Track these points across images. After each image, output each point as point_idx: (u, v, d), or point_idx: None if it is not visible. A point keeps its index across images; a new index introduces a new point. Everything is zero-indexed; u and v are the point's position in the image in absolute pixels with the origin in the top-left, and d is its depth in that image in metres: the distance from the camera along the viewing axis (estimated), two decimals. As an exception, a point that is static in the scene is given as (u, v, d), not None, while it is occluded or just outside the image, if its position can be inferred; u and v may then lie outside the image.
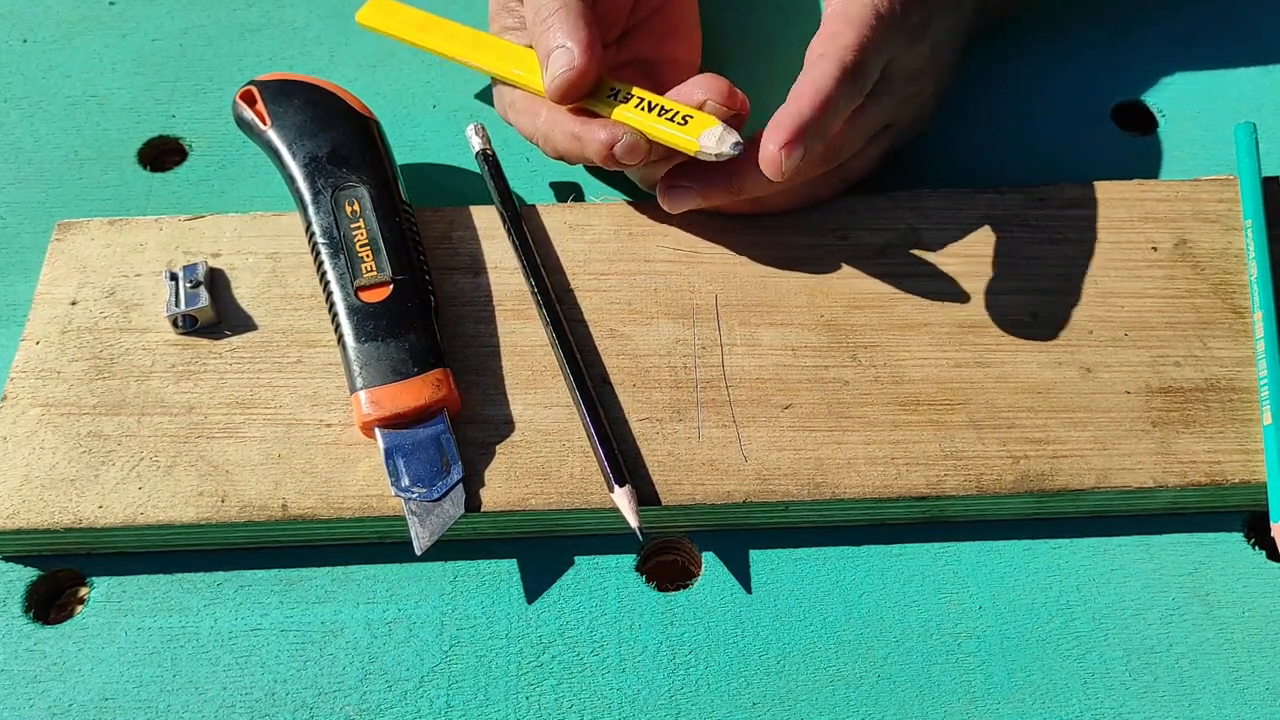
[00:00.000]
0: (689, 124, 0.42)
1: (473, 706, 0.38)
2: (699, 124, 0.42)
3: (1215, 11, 0.56)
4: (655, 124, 0.43)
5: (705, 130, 0.42)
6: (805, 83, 0.41)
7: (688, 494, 0.40)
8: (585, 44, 0.43)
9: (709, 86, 0.43)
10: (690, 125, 0.42)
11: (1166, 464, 0.41)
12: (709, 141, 0.41)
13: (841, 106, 0.41)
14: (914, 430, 0.42)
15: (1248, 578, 0.41)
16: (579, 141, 0.44)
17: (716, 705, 0.38)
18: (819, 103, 0.40)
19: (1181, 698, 0.38)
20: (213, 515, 0.40)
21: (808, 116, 0.40)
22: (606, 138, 0.43)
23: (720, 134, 0.41)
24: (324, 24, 0.57)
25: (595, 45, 0.43)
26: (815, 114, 0.40)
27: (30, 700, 0.39)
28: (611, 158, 0.43)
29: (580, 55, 0.43)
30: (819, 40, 0.43)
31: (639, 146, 0.43)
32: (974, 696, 0.38)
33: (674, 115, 0.42)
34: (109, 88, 0.55)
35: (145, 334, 0.44)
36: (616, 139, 0.43)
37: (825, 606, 0.40)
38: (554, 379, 0.43)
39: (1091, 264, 0.46)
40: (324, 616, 0.40)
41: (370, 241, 0.44)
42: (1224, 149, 0.51)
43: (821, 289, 0.45)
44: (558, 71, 0.43)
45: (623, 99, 0.44)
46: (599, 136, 0.43)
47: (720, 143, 0.41)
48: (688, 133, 0.42)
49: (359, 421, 0.41)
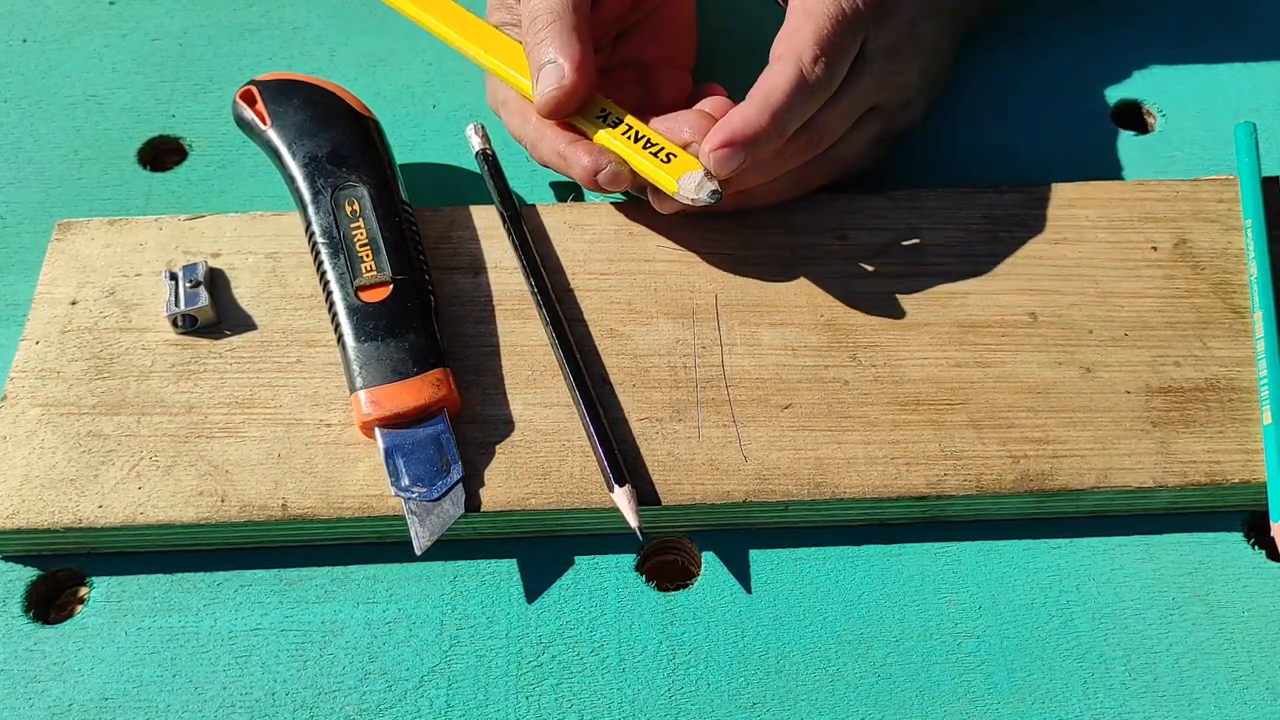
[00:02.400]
0: (672, 163, 0.42)
1: (473, 706, 0.38)
2: (681, 165, 0.42)
3: (1215, 10, 0.56)
4: (639, 157, 0.43)
5: (686, 174, 0.42)
6: (757, 88, 0.42)
7: (688, 494, 0.40)
8: (577, 62, 0.43)
9: (698, 126, 0.43)
10: (673, 165, 0.42)
11: (1166, 464, 0.41)
12: (688, 186, 0.42)
13: (798, 108, 0.41)
14: (914, 430, 0.42)
15: (1248, 578, 0.41)
16: (564, 160, 0.44)
17: (716, 705, 0.38)
18: (767, 112, 0.41)
19: (1181, 698, 0.38)
20: (212, 515, 0.40)
21: (751, 126, 0.41)
22: (590, 164, 0.43)
23: (700, 180, 0.41)
24: (324, 24, 0.57)
25: (588, 64, 0.43)
26: (759, 123, 0.41)
27: (30, 700, 0.39)
28: (595, 183, 0.43)
29: (570, 73, 0.43)
30: (779, 38, 0.43)
31: (622, 176, 0.43)
32: (974, 696, 0.38)
33: (658, 151, 0.43)
34: (109, 88, 0.55)
35: (145, 334, 0.44)
36: (601, 167, 0.43)
37: (825, 606, 0.40)
38: (554, 379, 0.43)
39: (1091, 264, 0.46)
40: (324, 616, 0.40)
41: (370, 241, 0.44)
42: (1224, 149, 0.51)
43: (821, 289, 0.45)
44: (547, 88, 0.43)
45: (611, 123, 0.44)
46: (583, 161, 0.43)
47: (699, 189, 0.41)
48: (669, 171, 0.42)
49: (359, 421, 0.41)
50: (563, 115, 0.44)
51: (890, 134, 0.48)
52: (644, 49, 0.49)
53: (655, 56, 0.49)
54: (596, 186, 0.44)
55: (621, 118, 0.44)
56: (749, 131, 0.41)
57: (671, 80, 0.49)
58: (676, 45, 0.50)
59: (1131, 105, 0.53)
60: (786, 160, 0.44)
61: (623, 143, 0.43)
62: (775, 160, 0.43)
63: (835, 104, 0.44)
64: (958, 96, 0.53)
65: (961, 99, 0.53)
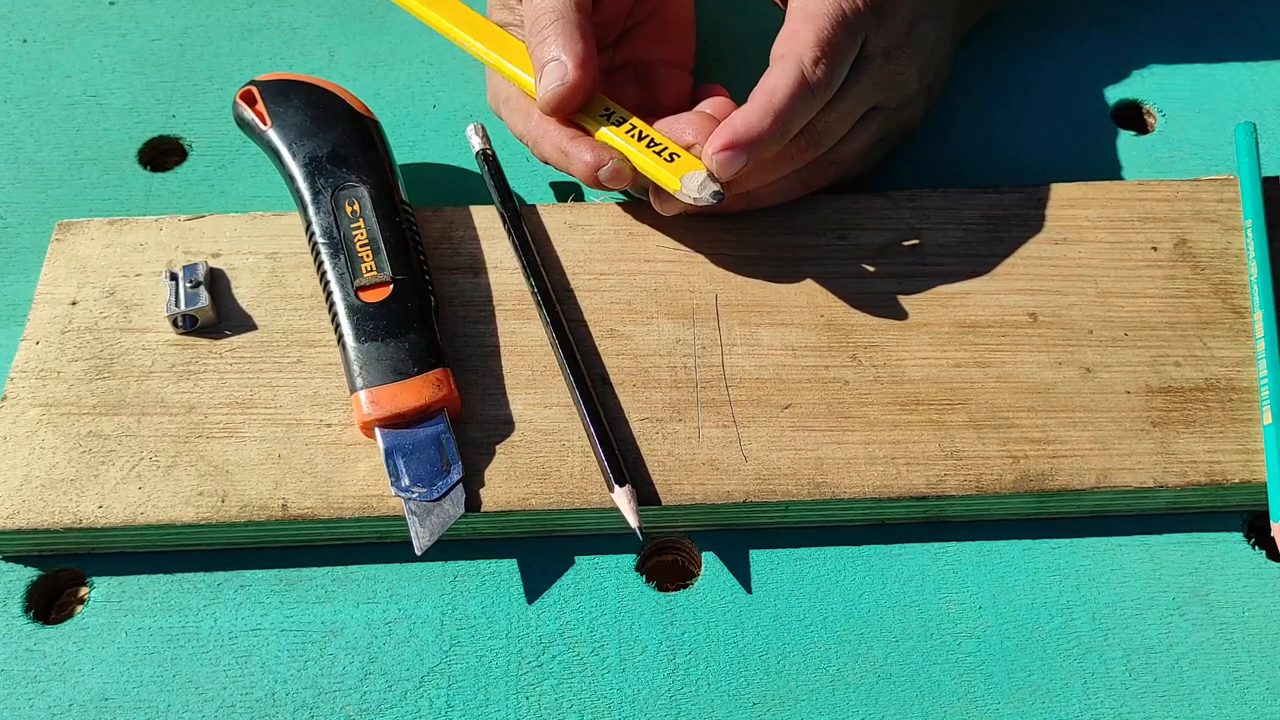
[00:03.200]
0: (675, 162, 0.42)
1: (473, 706, 0.38)
2: (684, 165, 0.42)
3: (1216, 11, 0.56)
4: (642, 155, 0.43)
5: (689, 174, 0.42)
6: (759, 90, 0.42)
7: (688, 494, 0.40)
8: (580, 59, 0.43)
9: (700, 128, 0.43)
10: (676, 164, 0.42)
11: (1166, 464, 0.41)
12: (690, 186, 0.42)
13: (800, 109, 0.42)
14: (914, 430, 0.42)
15: (1248, 578, 0.41)
16: (565, 156, 0.44)
17: (716, 705, 0.38)
18: (769, 114, 0.41)
19: (1181, 698, 0.38)
20: (213, 515, 0.40)
21: (753, 129, 0.41)
22: (593, 160, 0.43)
23: (703, 180, 0.42)
24: (324, 24, 0.57)
25: (591, 61, 0.43)
26: (761, 125, 0.41)
27: (30, 700, 0.39)
28: (595, 180, 0.43)
29: (574, 71, 0.43)
30: (780, 39, 0.43)
31: (624, 173, 0.43)
32: (974, 696, 0.38)
33: (662, 150, 0.43)
34: (109, 88, 0.55)
35: (145, 334, 0.44)
36: (603, 163, 0.43)
37: (825, 606, 0.40)
38: (554, 379, 0.43)
39: (1091, 264, 0.46)
40: (324, 616, 0.40)
41: (370, 241, 0.44)
42: (1224, 149, 0.51)
43: (821, 289, 0.45)
44: (550, 85, 0.43)
45: (615, 121, 0.44)
46: (585, 158, 0.43)
47: (701, 189, 0.42)
48: (672, 171, 0.42)
49: (359, 421, 0.41)
50: (566, 112, 0.44)
51: (891, 135, 0.48)
52: (644, 50, 0.49)
53: (655, 57, 0.49)
54: (597, 183, 0.44)
55: (625, 117, 0.44)
56: (751, 134, 0.41)
57: (672, 81, 0.49)
58: (676, 46, 0.50)
59: (1131, 105, 0.53)
60: (789, 162, 0.44)
61: (626, 141, 0.43)
62: (777, 162, 0.43)
63: (836, 105, 0.44)
64: (958, 96, 0.53)
65: (961, 99, 0.53)
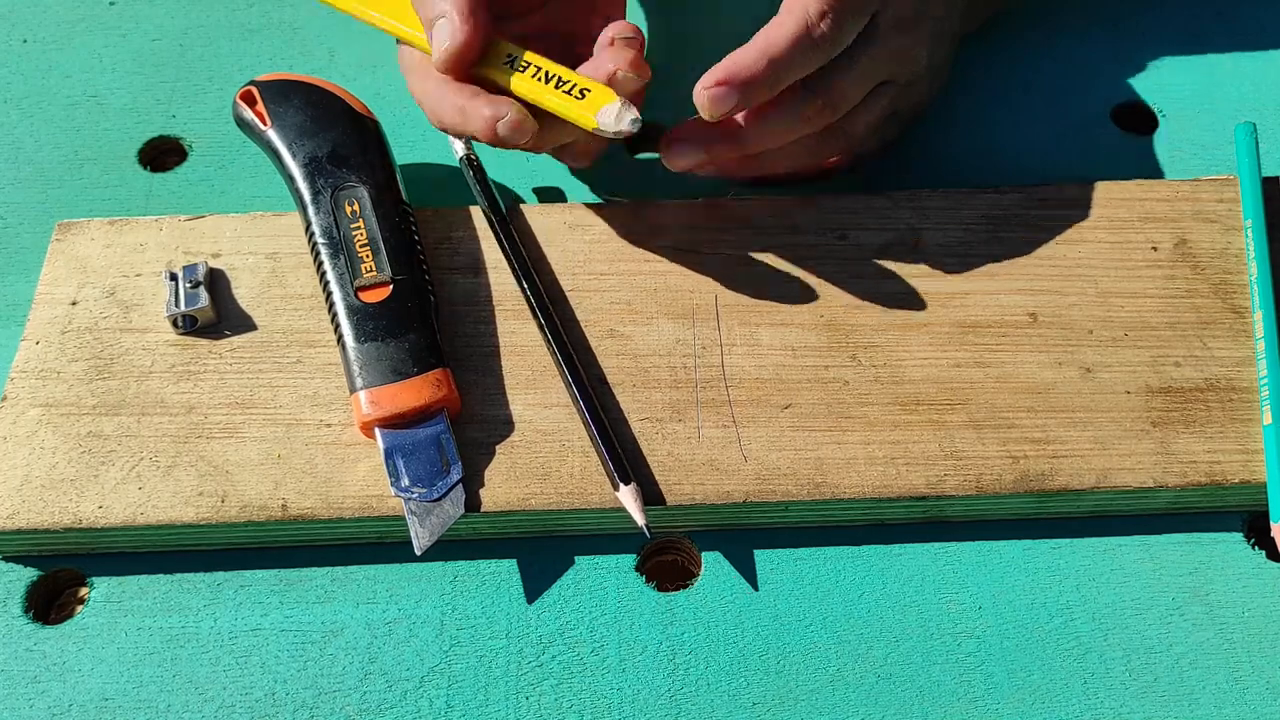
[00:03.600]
0: (586, 98, 0.40)
1: (473, 706, 0.38)
2: (597, 99, 0.40)
3: (1216, 10, 0.56)
4: (550, 96, 0.41)
5: (604, 106, 0.40)
6: (759, 35, 0.41)
7: (688, 494, 0.40)
8: (466, 12, 0.41)
9: (620, 56, 0.41)
10: (588, 99, 0.40)
11: (1166, 464, 0.41)
12: (606, 119, 0.40)
13: (799, 60, 0.41)
14: (914, 430, 0.42)
15: (1248, 578, 0.41)
16: (463, 115, 0.42)
17: (716, 705, 0.38)
18: (764, 58, 0.40)
19: (1181, 698, 0.38)
20: (213, 515, 0.40)
21: (747, 69, 0.40)
22: (490, 114, 0.41)
23: (619, 110, 0.40)
24: (324, 24, 0.57)
25: (479, 12, 0.41)
26: (756, 67, 0.40)
27: (30, 700, 0.39)
28: (495, 135, 0.41)
29: (461, 25, 0.41)
30: None
31: (524, 125, 0.41)
32: (974, 696, 0.38)
33: (571, 88, 0.41)
34: (109, 88, 0.55)
35: (145, 334, 0.44)
36: (500, 116, 0.41)
37: (825, 606, 0.40)
38: (554, 379, 0.43)
39: (1091, 264, 0.46)
40: (324, 616, 0.40)
41: (370, 241, 0.44)
42: (1224, 149, 0.51)
43: (821, 289, 0.45)
44: (440, 43, 0.42)
45: (519, 67, 0.42)
46: (483, 113, 0.41)
47: (619, 120, 0.40)
48: (584, 108, 0.40)
49: (359, 421, 0.41)
50: (462, 68, 0.42)
51: (901, 113, 0.48)
52: (570, 19, 0.47)
53: (583, 29, 0.47)
54: (499, 141, 0.41)
55: (528, 60, 0.42)
56: (744, 74, 0.40)
57: None
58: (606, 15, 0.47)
59: (1131, 105, 0.53)
60: (803, 124, 0.43)
61: (533, 84, 0.41)
62: (796, 122, 0.43)
63: (849, 69, 0.43)
64: (958, 96, 0.53)
65: (961, 99, 0.53)
